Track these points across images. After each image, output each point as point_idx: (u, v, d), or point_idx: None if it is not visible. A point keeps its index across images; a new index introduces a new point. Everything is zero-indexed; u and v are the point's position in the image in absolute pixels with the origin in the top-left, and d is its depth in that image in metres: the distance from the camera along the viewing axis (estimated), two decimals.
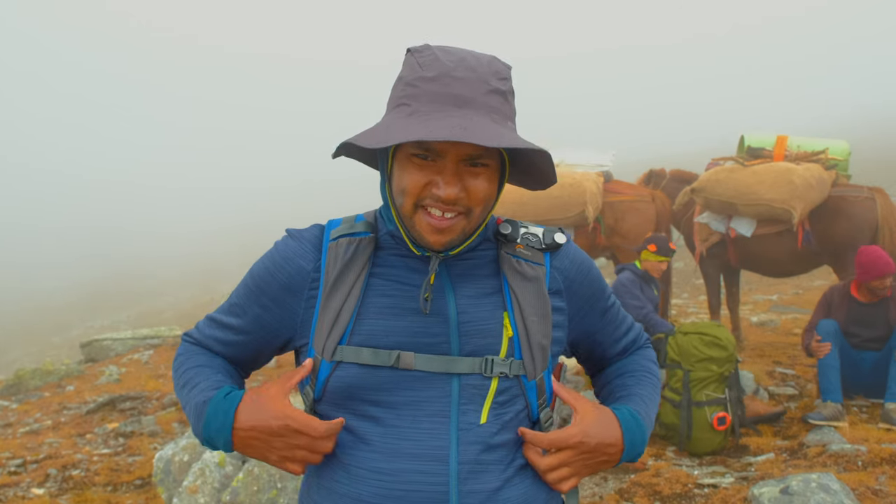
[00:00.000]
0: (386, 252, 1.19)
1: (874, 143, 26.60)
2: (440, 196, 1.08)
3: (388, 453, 1.12)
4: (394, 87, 1.13)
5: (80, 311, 37.71)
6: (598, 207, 6.70)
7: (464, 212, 1.11)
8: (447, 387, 1.13)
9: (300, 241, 1.23)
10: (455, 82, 1.06)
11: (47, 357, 15.64)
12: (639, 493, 3.70)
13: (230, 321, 1.27)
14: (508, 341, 1.16)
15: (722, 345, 4.46)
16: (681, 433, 4.42)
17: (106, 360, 10.40)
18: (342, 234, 1.20)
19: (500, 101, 1.10)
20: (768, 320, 8.93)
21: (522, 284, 1.19)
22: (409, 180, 1.09)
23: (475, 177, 1.10)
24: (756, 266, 6.78)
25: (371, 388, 1.13)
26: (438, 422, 1.12)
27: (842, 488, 3.13)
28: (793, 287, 12.27)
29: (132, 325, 27.52)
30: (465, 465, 1.11)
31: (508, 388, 1.16)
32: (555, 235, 1.25)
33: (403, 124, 1.04)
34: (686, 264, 13.97)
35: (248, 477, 3.54)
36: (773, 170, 6.17)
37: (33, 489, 4.61)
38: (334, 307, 1.15)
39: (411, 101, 1.07)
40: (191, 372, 1.23)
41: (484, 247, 1.23)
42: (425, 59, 1.09)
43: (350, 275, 1.16)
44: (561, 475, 1.16)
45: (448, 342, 1.14)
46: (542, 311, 1.19)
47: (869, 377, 4.96)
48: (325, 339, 1.14)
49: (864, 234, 6.01)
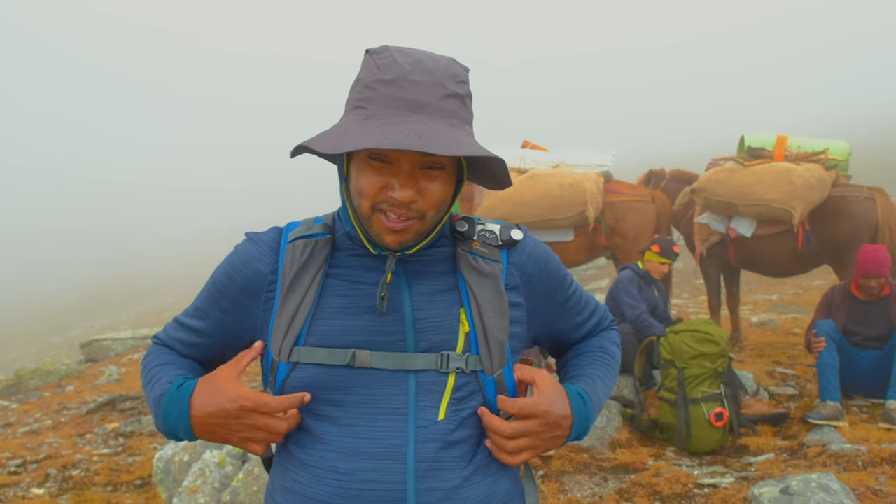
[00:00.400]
0: (343, 252, 1.20)
1: (874, 143, 26.61)
2: (396, 199, 1.08)
3: (344, 452, 1.12)
4: (351, 89, 1.13)
5: (80, 311, 37.72)
6: (598, 207, 6.69)
7: (418, 216, 1.11)
8: (404, 384, 1.13)
9: (257, 245, 1.24)
10: (411, 86, 1.06)
11: (47, 357, 15.65)
12: (639, 493, 3.70)
13: (194, 324, 1.29)
14: (465, 337, 1.17)
15: (713, 340, 4.51)
16: (679, 432, 4.42)
17: (106, 360, 10.40)
18: (299, 236, 1.21)
19: (457, 105, 1.10)
20: (768, 320, 8.93)
21: (479, 281, 1.20)
22: (366, 183, 1.10)
23: (430, 180, 1.10)
24: (756, 266, 6.78)
25: (327, 388, 1.13)
26: (396, 420, 1.12)
27: (842, 488, 3.13)
28: (793, 287, 12.27)
29: (132, 325, 27.52)
30: (422, 463, 1.11)
31: (466, 384, 1.16)
32: (511, 232, 1.25)
33: (360, 128, 1.04)
34: (686, 264, 13.97)
35: (248, 477, 3.54)
36: (774, 170, 6.17)
37: (33, 489, 4.61)
38: (290, 309, 1.15)
39: (368, 105, 1.07)
40: (154, 370, 1.25)
41: (441, 244, 1.23)
42: (383, 60, 1.09)
43: (306, 276, 1.17)
44: (520, 445, 1.15)
45: (404, 339, 1.15)
46: (499, 307, 1.19)
47: (869, 376, 4.96)
48: (281, 340, 1.15)
49: (865, 234, 6.01)
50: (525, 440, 1.15)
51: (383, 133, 1.01)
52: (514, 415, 1.15)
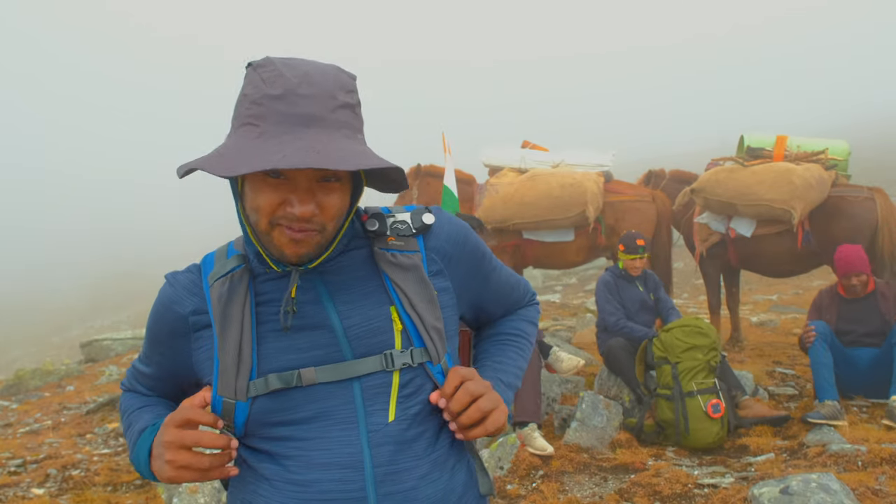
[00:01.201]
0: (260, 278, 1.19)
1: (874, 143, 26.61)
2: (295, 214, 1.07)
3: (302, 465, 1.12)
4: (238, 104, 1.10)
5: (80, 311, 37.73)
6: (598, 207, 6.70)
7: (318, 229, 1.10)
8: (348, 393, 1.13)
9: (175, 288, 1.24)
10: (302, 100, 1.04)
11: (47, 357, 15.65)
12: (639, 493, 3.70)
13: (144, 370, 1.34)
14: (401, 334, 1.17)
15: (703, 332, 4.60)
16: (677, 427, 4.45)
17: (106, 360, 10.41)
18: (217, 276, 1.20)
19: (349, 115, 1.09)
20: (768, 320, 8.93)
21: (403, 276, 1.19)
22: (264, 200, 1.08)
23: (328, 193, 1.09)
24: (756, 266, 6.78)
25: (281, 410, 1.14)
26: (347, 428, 1.12)
27: (842, 488, 3.13)
28: (793, 287, 12.27)
29: (132, 325, 27.52)
30: (380, 468, 1.11)
31: (412, 380, 1.16)
32: (423, 217, 1.25)
33: (254, 148, 1.02)
34: (686, 264, 13.97)
35: None
36: (773, 170, 6.17)
37: (33, 489, 4.61)
38: (232, 348, 1.14)
39: (259, 122, 1.05)
40: (131, 416, 1.31)
41: (354, 245, 1.22)
42: (269, 74, 1.06)
43: (234, 313, 1.16)
44: (465, 397, 1.14)
45: (339, 349, 1.14)
46: (428, 297, 1.20)
47: (866, 375, 4.96)
48: (234, 381, 1.13)
49: (864, 234, 6.01)
50: (467, 391, 1.14)
51: (280, 151, 1.00)
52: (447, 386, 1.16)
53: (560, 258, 7.07)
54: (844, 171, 6.50)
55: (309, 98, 1.04)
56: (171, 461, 1.10)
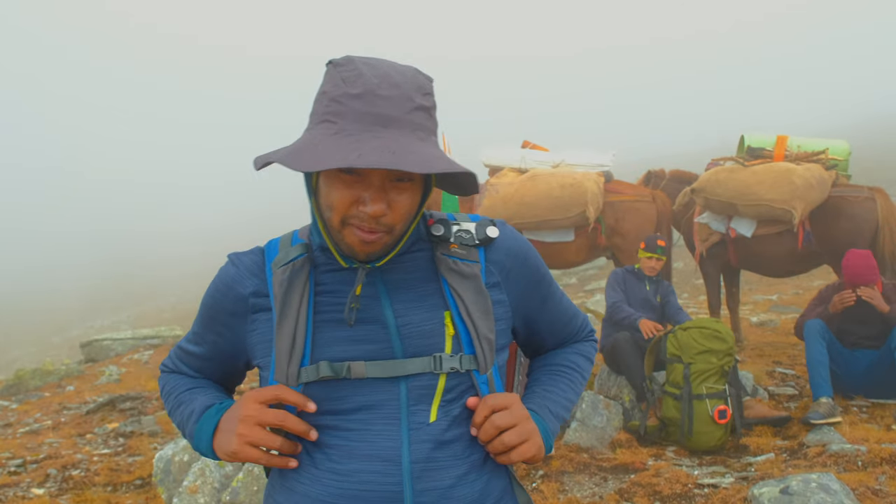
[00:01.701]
0: (321, 269, 1.21)
1: (874, 143, 26.61)
2: (367, 212, 1.09)
3: (343, 455, 1.14)
4: (316, 101, 1.12)
5: (80, 311, 37.73)
6: (599, 207, 6.69)
7: (386, 230, 1.12)
8: (395, 390, 1.15)
9: (238, 268, 1.25)
10: (381, 101, 1.06)
11: (47, 357, 15.65)
12: (639, 493, 3.70)
13: (194, 350, 1.33)
14: (452, 340, 1.18)
15: (721, 337, 4.53)
16: (681, 427, 4.43)
17: (106, 360, 10.41)
18: (280, 263, 1.22)
19: (424, 118, 1.10)
20: (768, 320, 8.93)
21: (462, 283, 1.21)
22: (337, 197, 1.10)
23: (400, 192, 1.11)
24: (756, 266, 6.78)
25: (328, 399, 1.16)
26: (389, 423, 1.15)
27: (842, 488, 3.13)
28: (793, 287, 12.27)
29: (132, 325, 27.53)
30: (417, 463, 1.13)
31: (457, 385, 1.18)
32: (487, 230, 1.26)
33: (332, 144, 1.04)
34: (686, 264, 13.97)
35: (248, 477, 3.54)
36: (774, 170, 6.17)
37: (33, 489, 4.61)
38: (287, 334, 1.17)
39: (337, 119, 1.07)
40: (182, 396, 1.31)
41: (417, 248, 1.24)
42: (349, 73, 1.08)
43: (293, 300, 1.18)
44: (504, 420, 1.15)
45: (391, 347, 1.17)
46: (484, 307, 1.21)
47: (865, 377, 4.96)
48: (286, 366, 1.16)
49: (865, 234, 6.01)
50: (493, 424, 1.15)
51: (357, 150, 1.02)
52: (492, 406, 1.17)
53: (560, 258, 7.07)
54: (845, 171, 6.49)
55: (387, 99, 1.06)
56: (243, 435, 1.13)
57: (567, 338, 1.42)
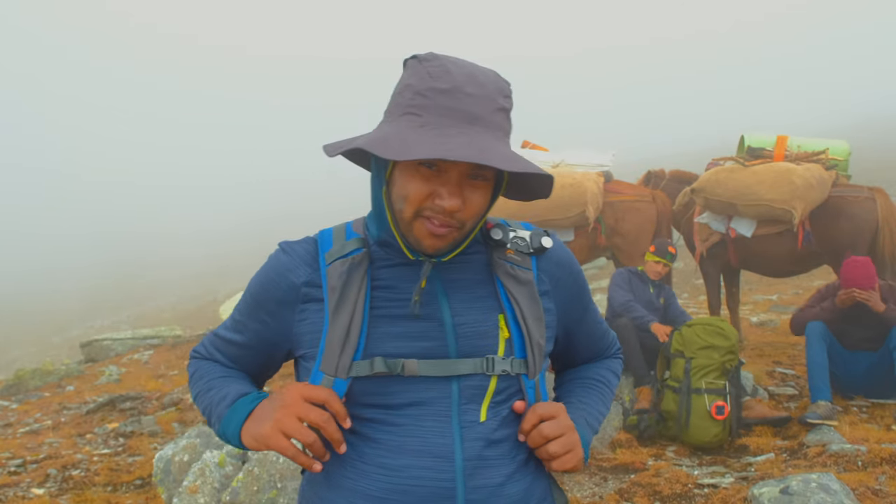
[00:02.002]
0: (378, 264, 1.22)
1: (874, 143, 26.61)
2: (443, 207, 1.10)
3: (394, 450, 1.14)
4: (399, 93, 1.14)
5: (80, 311, 37.73)
6: (598, 207, 6.69)
7: (458, 225, 1.14)
8: (447, 388, 1.16)
9: (291, 256, 1.25)
10: (467, 98, 1.08)
11: (47, 357, 15.64)
12: (639, 493, 3.70)
13: (233, 337, 1.32)
14: (505, 342, 1.19)
15: (724, 334, 4.61)
16: (678, 420, 4.46)
17: (106, 360, 10.41)
18: (336, 256, 1.22)
19: (504, 119, 1.13)
20: (768, 320, 8.92)
21: (518, 288, 1.22)
22: (414, 190, 1.11)
23: (474, 190, 1.13)
24: (756, 266, 6.78)
25: (377, 394, 1.16)
26: (441, 420, 1.15)
27: (842, 488, 3.13)
28: (793, 287, 12.26)
29: (132, 325, 27.53)
30: (469, 461, 1.14)
31: (506, 388, 1.19)
32: (542, 239, 1.28)
33: (418, 137, 1.06)
34: (686, 264, 13.96)
35: (248, 477, 3.54)
36: (774, 170, 6.17)
37: (33, 489, 4.61)
38: (341, 327, 1.17)
39: (422, 112, 1.08)
40: (213, 382, 1.29)
41: (474, 250, 1.25)
42: (435, 69, 1.10)
43: (350, 294, 1.18)
44: (541, 455, 1.18)
45: (446, 345, 1.17)
46: (537, 314, 1.23)
47: (863, 378, 4.95)
48: (337, 358, 1.16)
49: (865, 234, 6.01)
50: (541, 434, 1.17)
51: (446, 144, 1.04)
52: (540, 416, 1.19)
53: None
54: (845, 171, 6.49)
55: (473, 97, 1.08)
56: (280, 421, 1.11)
57: (599, 352, 1.45)
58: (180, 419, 6.27)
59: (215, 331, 1.36)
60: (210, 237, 52.90)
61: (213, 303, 27.68)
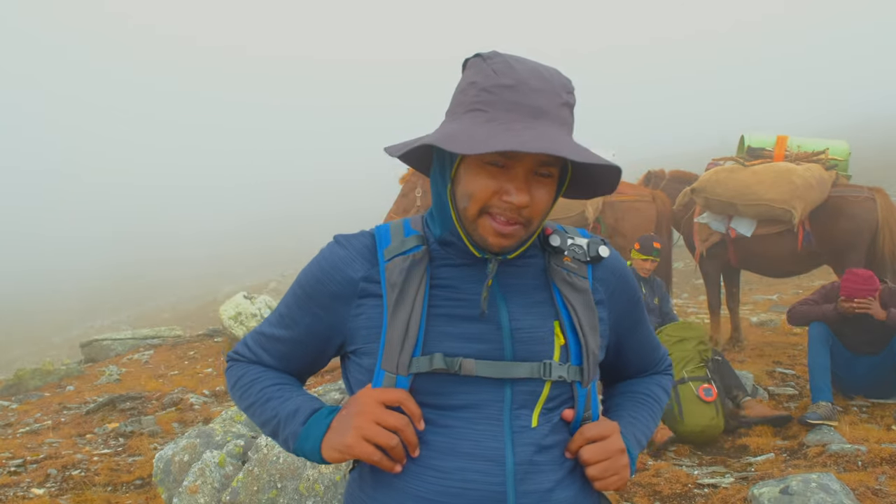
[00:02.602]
0: (438, 263, 1.21)
1: (874, 143, 26.61)
2: (512, 202, 1.10)
3: (446, 452, 1.13)
4: (463, 91, 1.14)
5: (80, 311, 37.74)
6: (598, 207, 6.69)
7: (524, 222, 1.13)
8: (500, 391, 1.15)
9: (348, 250, 1.24)
10: (533, 93, 1.08)
11: (47, 357, 15.65)
12: (639, 493, 3.70)
13: (281, 333, 1.29)
14: (560, 349, 1.19)
15: (691, 328, 4.98)
16: (672, 412, 4.51)
17: (106, 360, 10.40)
18: (395, 252, 1.21)
19: (568, 114, 1.13)
20: (768, 320, 8.92)
21: (574, 296, 1.22)
22: (480, 186, 1.11)
23: (541, 186, 1.13)
24: (756, 266, 6.78)
25: (431, 393, 1.15)
26: (493, 424, 1.14)
27: (842, 488, 3.13)
28: (793, 287, 12.27)
29: (132, 325, 27.53)
30: (521, 465, 1.13)
31: (559, 395, 1.18)
32: (599, 248, 1.27)
33: (487, 132, 1.05)
34: (686, 264, 13.97)
35: (248, 477, 3.54)
36: (773, 170, 6.17)
37: (33, 489, 4.61)
38: (401, 324, 1.15)
39: (488, 108, 1.08)
40: (269, 391, 1.26)
41: (532, 254, 1.25)
42: (499, 66, 1.10)
43: (410, 291, 1.17)
44: (598, 452, 1.18)
45: (502, 348, 1.16)
46: (592, 322, 1.22)
47: (864, 380, 4.95)
48: (397, 356, 1.15)
49: (865, 234, 6.01)
50: (599, 449, 1.17)
51: (518, 137, 1.03)
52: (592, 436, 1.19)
53: None
54: (845, 171, 6.50)
55: (539, 92, 1.08)
56: (360, 428, 1.11)
57: (650, 366, 1.43)
58: (180, 419, 6.27)
59: (258, 328, 1.33)
60: (210, 238, 52.89)
61: (213, 303, 27.68)
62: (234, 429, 4.22)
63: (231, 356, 1.36)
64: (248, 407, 1.29)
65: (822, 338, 4.77)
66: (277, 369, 1.31)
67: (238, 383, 1.31)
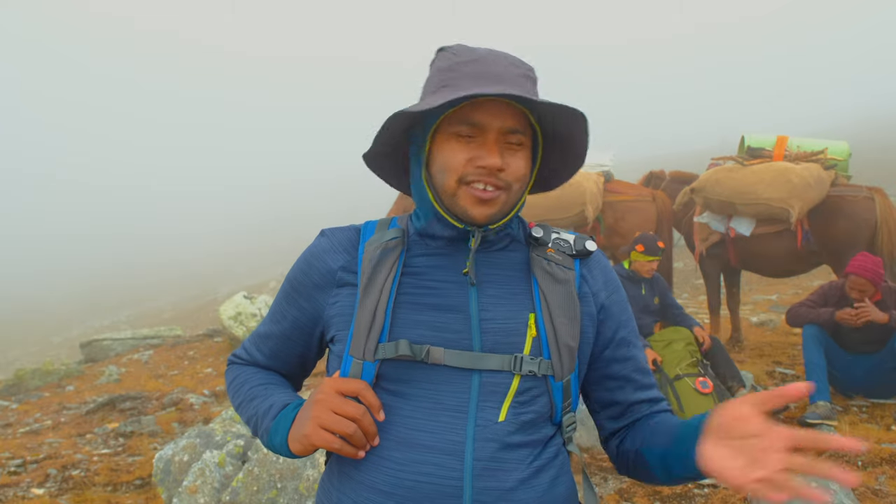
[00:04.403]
0: (413, 252, 1.23)
1: (874, 143, 26.62)
2: (485, 165, 1.12)
3: (404, 443, 1.12)
4: (430, 78, 1.19)
5: (80, 311, 37.74)
6: (597, 207, 6.69)
7: (504, 186, 1.15)
8: (466, 382, 1.14)
9: (330, 240, 1.28)
10: (493, 64, 1.14)
11: (47, 357, 15.65)
12: (639, 493, 3.70)
13: (271, 330, 1.32)
14: (532, 341, 1.17)
15: (678, 330, 5.04)
16: (673, 409, 4.52)
17: (106, 360, 10.41)
18: (374, 243, 1.24)
19: (531, 86, 1.17)
20: (768, 320, 8.92)
21: (552, 286, 1.21)
22: (453, 157, 1.14)
23: (513, 153, 1.15)
24: (756, 266, 6.78)
25: (397, 380, 1.15)
26: (456, 416, 1.12)
27: (841, 488, 3.13)
28: (793, 287, 12.26)
29: (132, 325, 27.54)
30: (480, 461, 1.11)
31: (530, 389, 1.16)
32: (586, 243, 1.28)
33: (452, 92, 1.10)
34: (686, 264, 13.97)
35: (248, 477, 3.54)
36: (772, 169, 6.18)
37: (33, 489, 4.61)
38: (369, 310, 1.16)
39: (451, 82, 1.14)
40: (255, 389, 1.29)
41: (513, 248, 1.25)
42: (459, 50, 1.18)
43: (378, 278, 1.19)
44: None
45: (469, 338, 1.15)
46: (571, 313, 1.20)
47: (863, 380, 4.94)
48: (364, 341, 1.15)
49: (863, 233, 6.01)
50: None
51: (479, 89, 1.08)
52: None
53: None
54: (844, 171, 6.50)
55: (497, 63, 1.15)
56: (317, 417, 1.10)
57: (651, 401, 1.29)
58: (180, 419, 6.27)
59: (254, 331, 1.37)
60: (210, 238, 52.92)
61: (213, 303, 27.70)
62: (233, 429, 4.22)
63: (230, 359, 1.39)
64: (238, 406, 1.31)
65: (815, 338, 4.76)
66: (270, 369, 1.34)
67: (232, 384, 1.34)
